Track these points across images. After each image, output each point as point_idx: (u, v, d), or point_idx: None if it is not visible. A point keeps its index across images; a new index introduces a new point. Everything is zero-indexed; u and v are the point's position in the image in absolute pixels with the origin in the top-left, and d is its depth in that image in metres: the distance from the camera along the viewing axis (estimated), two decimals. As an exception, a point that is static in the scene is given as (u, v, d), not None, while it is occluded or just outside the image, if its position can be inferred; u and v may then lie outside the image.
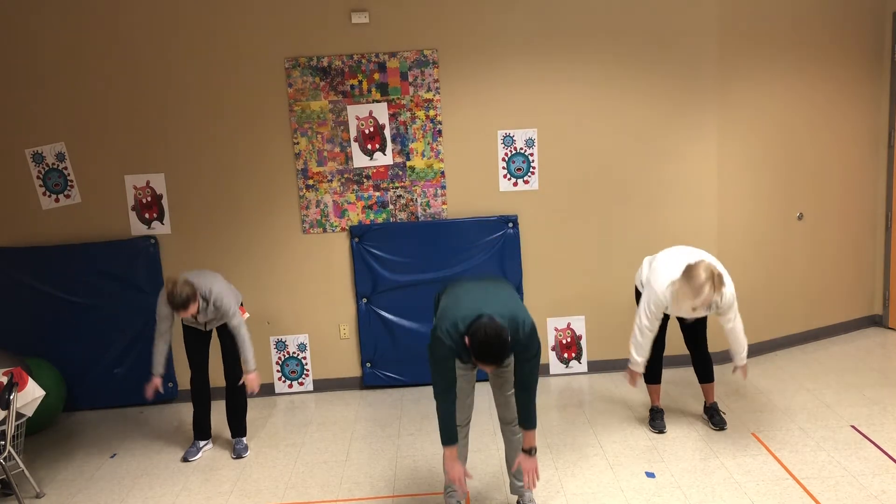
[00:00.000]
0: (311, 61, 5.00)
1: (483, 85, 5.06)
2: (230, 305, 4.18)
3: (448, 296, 3.37)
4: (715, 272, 3.72)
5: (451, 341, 3.11)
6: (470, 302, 3.17)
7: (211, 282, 4.18)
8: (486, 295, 3.24)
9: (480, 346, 2.97)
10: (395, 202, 5.19)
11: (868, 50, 5.55)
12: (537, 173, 5.16)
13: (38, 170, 5.10)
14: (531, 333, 3.17)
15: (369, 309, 5.24)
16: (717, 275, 3.72)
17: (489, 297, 3.23)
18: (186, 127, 5.06)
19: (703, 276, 3.68)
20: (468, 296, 3.24)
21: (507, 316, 3.10)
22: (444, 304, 3.29)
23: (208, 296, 4.11)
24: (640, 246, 5.21)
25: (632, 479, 3.83)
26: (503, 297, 3.27)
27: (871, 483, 3.64)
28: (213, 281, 4.21)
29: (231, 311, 4.19)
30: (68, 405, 5.19)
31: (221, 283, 4.25)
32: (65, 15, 4.92)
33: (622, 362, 5.33)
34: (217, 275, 4.35)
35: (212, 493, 3.99)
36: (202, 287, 4.11)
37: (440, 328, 3.13)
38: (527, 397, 3.29)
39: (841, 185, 5.64)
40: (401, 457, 4.28)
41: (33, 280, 5.12)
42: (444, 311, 3.22)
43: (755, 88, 5.18)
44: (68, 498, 4.03)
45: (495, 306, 3.13)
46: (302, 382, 5.37)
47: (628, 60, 5.04)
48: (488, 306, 3.11)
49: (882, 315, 5.95)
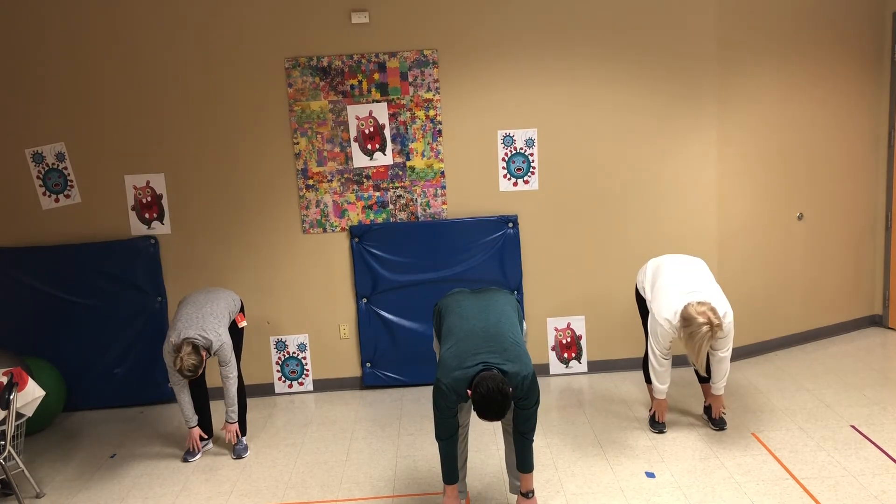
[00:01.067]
0: (311, 61, 5.01)
1: (483, 85, 5.06)
2: (228, 356, 4.20)
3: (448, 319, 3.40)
4: (714, 322, 3.69)
5: (454, 395, 3.19)
6: (472, 346, 3.21)
7: (213, 326, 4.13)
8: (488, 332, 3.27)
9: (483, 401, 3.05)
10: (395, 202, 5.19)
11: (868, 50, 5.55)
12: (537, 173, 5.16)
13: (38, 170, 5.10)
14: (532, 384, 3.22)
15: (369, 309, 5.24)
16: (715, 325, 3.70)
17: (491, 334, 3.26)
18: (186, 127, 5.06)
19: (703, 330, 3.69)
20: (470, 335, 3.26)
21: (510, 370, 3.15)
22: (446, 345, 3.31)
23: (210, 347, 4.11)
24: (641, 246, 5.21)
25: (632, 479, 3.84)
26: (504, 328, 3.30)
27: (871, 483, 3.64)
28: (217, 322, 4.16)
29: (227, 360, 4.21)
30: (68, 405, 5.19)
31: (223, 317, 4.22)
32: (65, 15, 4.92)
33: (622, 362, 5.35)
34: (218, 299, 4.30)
35: (212, 493, 3.99)
36: (204, 340, 4.07)
37: (443, 382, 3.19)
38: (524, 444, 3.36)
39: (841, 185, 5.64)
40: (401, 457, 4.28)
41: (33, 280, 5.12)
42: (445, 359, 3.25)
43: (755, 88, 5.18)
44: (68, 498, 4.03)
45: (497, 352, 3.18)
46: (302, 382, 5.37)
47: (628, 60, 5.04)
48: (491, 350, 3.18)
49: (882, 315, 5.95)
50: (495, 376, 3.07)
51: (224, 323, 4.23)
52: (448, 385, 3.17)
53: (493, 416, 3.07)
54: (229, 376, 4.24)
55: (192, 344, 4.01)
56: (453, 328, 3.35)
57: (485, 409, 3.05)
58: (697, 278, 4.00)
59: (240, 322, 4.46)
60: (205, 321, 4.12)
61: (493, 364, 3.13)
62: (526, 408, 3.26)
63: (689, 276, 4.02)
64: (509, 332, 3.30)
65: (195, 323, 4.09)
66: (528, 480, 3.44)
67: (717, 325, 3.70)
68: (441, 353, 3.32)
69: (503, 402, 3.04)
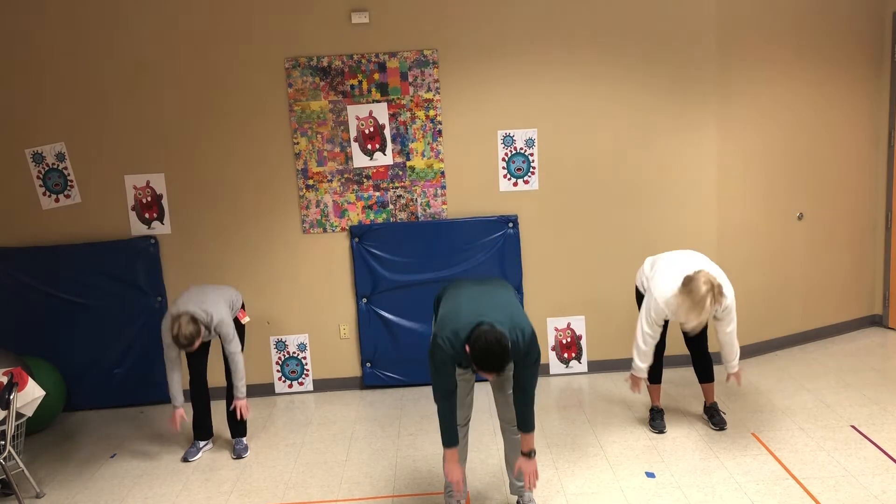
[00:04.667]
0: (311, 61, 5.01)
1: (483, 85, 5.06)
2: (230, 332, 4.21)
3: (448, 300, 3.37)
4: (715, 284, 3.70)
5: (451, 349, 3.13)
6: (470, 308, 3.18)
7: (213, 303, 4.17)
8: (486, 300, 3.25)
9: (481, 354, 2.99)
10: (395, 202, 5.19)
11: (868, 50, 5.54)
12: (537, 173, 5.16)
13: (38, 170, 5.10)
14: (531, 340, 3.19)
15: (369, 309, 5.24)
16: (716, 286, 3.70)
17: (489, 302, 3.24)
18: (186, 127, 5.06)
19: (703, 289, 3.67)
20: (468, 301, 3.25)
21: (507, 323, 3.12)
22: (444, 309, 3.30)
23: (210, 323, 4.13)
24: (641, 245, 5.21)
25: (632, 479, 3.84)
26: (503, 302, 3.28)
27: (871, 483, 3.64)
28: (216, 302, 4.20)
29: (230, 337, 4.22)
30: (68, 405, 5.19)
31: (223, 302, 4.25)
32: (65, 15, 4.92)
33: (622, 362, 5.34)
34: (220, 289, 4.34)
35: (212, 493, 3.99)
36: (204, 314, 4.10)
37: (441, 335, 3.15)
38: (525, 401, 3.31)
39: (841, 185, 5.64)
40: (401, 457, 4.28)
41: (33, 280, 5.12)
42: (444, 317, 3.23)
43: (755, 88, 5.18)
44: (68, 498, 4.03)
45: (496, 313, 3.15)
46: (302, 382, 5.37)
47: (628, 60, 5.04)
48: (489, 313, 3.13)
49: (882, 315, 5.95)
50: (493, 329, 3.01)
51: (225, 306, 4.25)
52: (445, 338, 3.11)
53: (494, 367, 3.00)
54: (234, 352, 4.24)
55: (192, 315, 4.03)
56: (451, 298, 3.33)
57: (484, 359, 2.99)
58: (696, 261, 4.02)
59: (242, 318, 4.47)
60: (206, 297, 4.20)
61: (491, 320, 3.08)
62: (526, 365, 3.21)
63: (687, 260, 4.04)
64: (510, 305, 3.28)
65: (196, 299, 4.17)
66: (528, 440, 3.35)
67: (717, 286, 3.70)
68: (439, 315, 3.29)
69: (502, 354, 2.98)
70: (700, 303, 3.68)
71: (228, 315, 4.24)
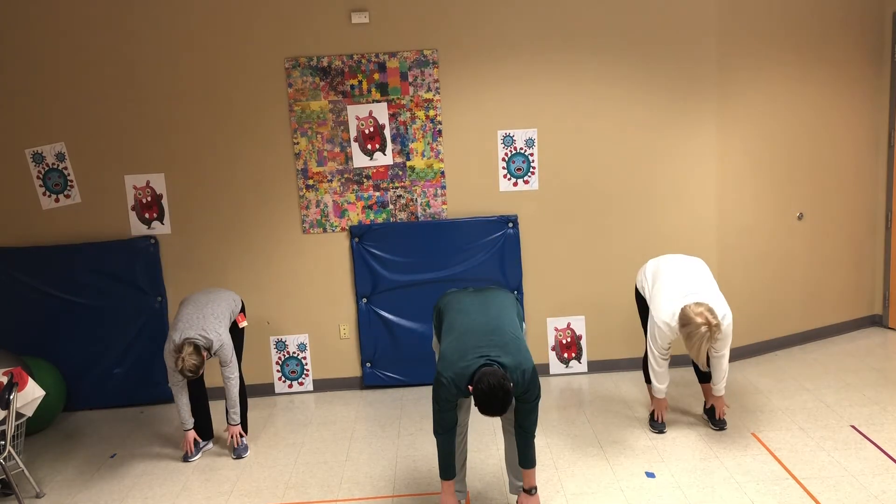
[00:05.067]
0: (311, 61, 5.00)
1: (483, 85, 5.06)
2: (228, 356, 4.22)
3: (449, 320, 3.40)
4: (712, 322, 3.69)
5: (455, 388, 3.18)
6: (473, 341, 3.21)
7: (214, 325, 4.15)
8: (488, 324, 3.28)
9: (483, 397, 3.05)
10: (395, 202, 5.19)
11: (868, 50, 5.54)
12: (537, 173, 5.16)
13: (38, 170, 5.10)
14: (532, 378, 3.22)
15: (369, 309, 5.24)
16: (714, 325, 3.69)
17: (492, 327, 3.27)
18: (186, 127, 5.06)
19: (701, 330, 3.68)
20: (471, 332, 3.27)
21: (510, 364, 3.15)
22: (446, 342, 3.31)
23: (210, 346, 4.12)
24: (641, 245, 5.21)
25: (632, 479, 3.83)
26: (505, 324, 3.31)
27: (871, 483, 3.64)
28: (217, 320, 4.18)
29: (228, 360, 4.22)
30: (68, 405, 5.19)
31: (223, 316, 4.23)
32: (65, 15, 4.91)
33: (622, 362, 5.35)
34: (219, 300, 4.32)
35: (212, 493, 3.99)
36: (204, 340, 4.08)
37: (444, 375, 3.19)
38: (526, 439, 3.35)
39: (841, 185, 5.64)
40: (401, 457, 4.28)
41: (33, 280, 5.12)
42: (446, 353, 3.25)
43: (755, 88, 5.18)
44: (68, 498, 4.03)
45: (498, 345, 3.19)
46: (302, 382, 5.37)
47: (628, 60, 5.04)
48: (492, 347, 3.18)
49: (882, 315, 5.95)
50: (497, 371, 3.07)
51: (225, 323, 4.24)
52: (449, 379, 3.16)
53: (495, 411, 3.07)
54: (230, 377, 4.25)
55: (194, 344, 4.03)
56: (454, 323, 3.35)
57: (486, 404, 3.05)
58: (696, 279, 4.00)
59: (240, 322, 4.47)
60: (206, 321, 4.14)
61: (493, 358, 3.13)
62: (527, 402, 3.26)
63: (687, 277, 4.02)
64: (509, 327, 3.31)
65: (196, 323, 4.11)
66: (530, 476, 3.41)
67: (715, 325, 3.69)
68: (442, 348, 3.33)
69: (505, 398, 3.04)
70: (697, 344, 3.71)
71: (228, 337, 4.23)
